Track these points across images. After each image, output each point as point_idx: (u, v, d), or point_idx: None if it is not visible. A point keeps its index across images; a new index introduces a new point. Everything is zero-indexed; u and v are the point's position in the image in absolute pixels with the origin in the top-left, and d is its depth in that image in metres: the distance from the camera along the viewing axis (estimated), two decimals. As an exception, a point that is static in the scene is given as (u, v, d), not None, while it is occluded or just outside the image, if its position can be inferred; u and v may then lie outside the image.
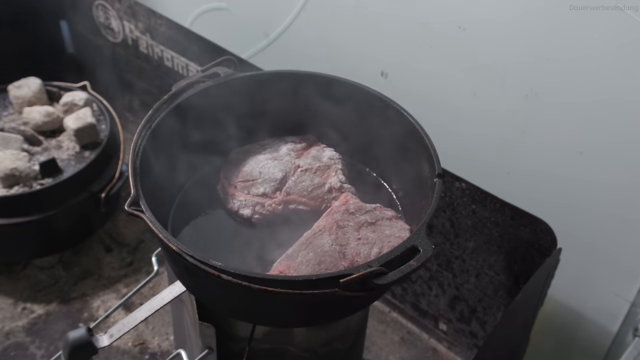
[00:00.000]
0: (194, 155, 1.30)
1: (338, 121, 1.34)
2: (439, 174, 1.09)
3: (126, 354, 1.81)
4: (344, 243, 1.08)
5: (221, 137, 1.32)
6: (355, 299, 1.03)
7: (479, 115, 1.60)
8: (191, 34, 1.97)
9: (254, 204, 1.23)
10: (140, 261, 2.08)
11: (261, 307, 1.05)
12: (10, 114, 2.05)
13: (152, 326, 1.88)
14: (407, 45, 1.64)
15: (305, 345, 1.33)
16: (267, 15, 1.94)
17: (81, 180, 1.89)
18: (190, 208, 1.26)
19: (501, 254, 1.54)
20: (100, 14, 2.26)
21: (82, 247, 2.10)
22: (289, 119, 1.36)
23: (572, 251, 1.45)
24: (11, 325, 1.87)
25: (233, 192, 1.25)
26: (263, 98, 1.33)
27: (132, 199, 1.00)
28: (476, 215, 1.53)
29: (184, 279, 1.12)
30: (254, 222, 1.23)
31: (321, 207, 1.23)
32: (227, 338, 1.26)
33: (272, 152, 1.30)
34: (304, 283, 0.91)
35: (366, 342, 1.77)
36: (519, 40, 1.44)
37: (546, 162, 1.52)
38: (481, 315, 1.69)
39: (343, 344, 1.38)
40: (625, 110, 1.35)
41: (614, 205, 1.45)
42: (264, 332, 1.27)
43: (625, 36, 1.28)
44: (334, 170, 1.26)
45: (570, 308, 1.63)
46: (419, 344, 1.88)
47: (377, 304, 1.97)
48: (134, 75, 2.31)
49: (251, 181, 1.25)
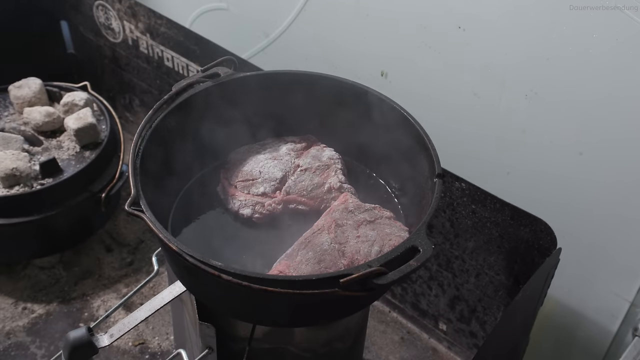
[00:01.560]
0: (194, 155, 1.30)
1: (338, 121, 1.34)
2: (439, 174, 1.09)
3: (126, 354, 1.81)
4: (343, 241, 1.08)
5: (221, 137, 1.32)
6: (355, 299, 1.03)
7: (478, 115, 1.60)
8: (191, 34, 1.97)
9: (254, 203, 1.23)
10: (140, 261, 2.08)
11: (261, 307, 1.05)
12: (10, 114, 2.05)
13: (152, 326, 1.88)
14: (407, 45, 1.64)
15: (305, 345, 1.33)
16: (267, 15, 1.94)
17: (81, 180, 1.89)
18: (190, 208, 1.26)
19: (501, 254, 1.54)
20: (100, 14, 2.26)
21: (83, 247, 2.10)
22: (289, 118, 1.36)
23: (572, 251, 1.45)
24: (12, 325, 1.87)
25: (233, 192, 1.25)
26: (263, 98, 1.33)
27: (132, 198, 1.00)
28: (476, 215, 1.53)
29: (184, 279, 1.12)
30: (254, 221, 1.24)
31: (321, 206, 1.23)
32: (227, 338, 1.26)
33: (272, 152, 1.30)
34: (304, 283, 0.91)
35: (366, 342, 1.77)
36: (519, 40, 1.44)
37: (546, 162, 1.52)
38: (481, 315, 1.69)
39: (343, 344, 1.38)
40: (625, 111, 1.35)
41: (613, 205, 1.45)
42: (264, 332, 1.27)
43: (625, 36, 1.28)
44: (334, 170, 1.26)
45: (570, 308, 1.63)
46: (419, 343, 1.88)
47: (377, 304, 1.97)
48: (134, 75, 2.31)
49: (251, 181, 1.25)
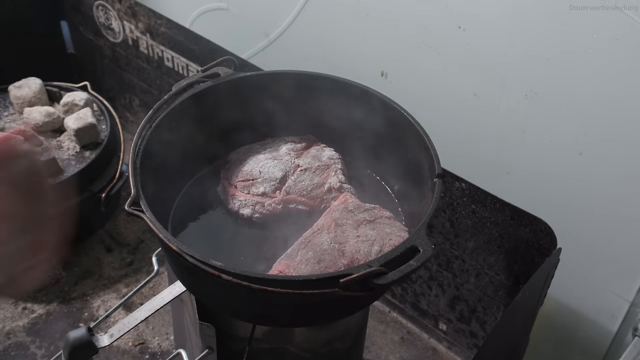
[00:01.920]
0: (194, 155, 1.30)
1: (337, 121, 1.34)
2: (439, 174, 1.09)
3: (126, 354, 1.81)
4: (342, 241, 1.08)
5: (221, 137, 1.32)
6: (355, 299, 1.03)
7: (478, 115, 1.60)
8: (191, 34, 1.97)
9: (254, 203, 1.23)
10: (140, 261, 2.08)
11: (261, 307, 1.05)
12: (10, 114, 2.05)
13: (152, 326, 1.88)
14: (407, 45, 1.64)
15: (305, 345, 1.33)
16: (267, 15, 1.94)
17: (81, 180, 1.89)
18: (190, 208, 1.26)
19: (501, 254, 1.54)
20: (100, 14, 2.26)
21: (83, 247, 2.10)
22: (289, 118, 1.36)
23: (572, 251, 1.45)
24: (12, 325, 1.87)
25: (233, 192, 1.25)
26: (264, 98, 1.33)
27: (132, 198, 1.00)
28: (476, 215, 1.53)
29: (184, 279, 1.12)
30: (254, 221, 1.23)
31: (321, 206, 1.23)
32: (227, 338, 1.26)
33: (272, 152, 1.30)
34: (304, 283, 0.91)
35: (366, 342, 1.77)
36: (519, 40, 1.44)
37: (546, 162, 1.52)
38: (481, 315, 1.69)
39: (343, 344, 1.38)
40: (625, 111, 1.35)
41: (613, 205, 1.45)
42: (264, 332, 1.27)
43: (625, 36, 1.28)
44: (334, 170, 1.26)
45: (570, 308, 1.63)
46: (419, 343, 1.88)
47: (377, 304, 1.97)
48: (134, 75, 2.31)
49: (251, 181, 1.25)
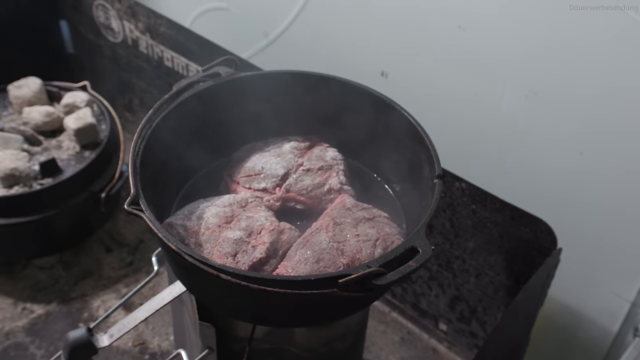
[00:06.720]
0: (194, 155, 1.30)
1: (338, 121, 1.34)
2: (439, 174, 1.09)
3: (126, 354, 1.81)
4: (341, 240, 1.08)
5: (221, 136, 1.32)
6: (355, 299, 1.03)
7: (479, 115, 1.59)
8: (191, 34, 1.97)
9: (254, 198, 1.23)
10: (140, 261, 2.08)
11: (261, 307, 1.05)
12: (10, 114, 2.05)
13: (152, 326, 1.88)
14: (407, 45, 1.64)
15: (305, 345, 1.33)
16: (267, 15, 1.94)
17: (81, 180, 1.89)
18: (190, 208, 1.26)
19: (501, 254, 1.53)
20: (100, 14, 2.26)
21: (82, 247, 2.10)
22: (290, 118, 1.36)
23: (572, 251, 1.45)
24: (11, 325, 1.87)
25: (235, 187, 1.25)
26: (264, 98, 1.33)
27: (131, 198, 0.99)
28: (476, 215, 1.53)
29: (184, 279, 1.12)
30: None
31: (319, 207, 1.23)
32: (227, 338, 1.26)
33: (276, 150, 1.30)
34: (303, 283, 0.91)
35: (366, 342, 1.76)
36: (519, 40, 1.44)
37: (546, 162, 1.52)
38: (481, 315, 1.69)
39: (343, 344, 1.38)
40: (626, 111, 1.35)
41: (613, 205, 1.45)
42: (264, 332, 1.26)
43: (625, 36, 1.28)
44: (336, 171, 1.26)
45: (570, 308, 1.63)
46: (419, 344, 1.88)
47: (377, 304, 1.97)
48: (134, 75, 2.31)
49: (254, 175, 1.25)
